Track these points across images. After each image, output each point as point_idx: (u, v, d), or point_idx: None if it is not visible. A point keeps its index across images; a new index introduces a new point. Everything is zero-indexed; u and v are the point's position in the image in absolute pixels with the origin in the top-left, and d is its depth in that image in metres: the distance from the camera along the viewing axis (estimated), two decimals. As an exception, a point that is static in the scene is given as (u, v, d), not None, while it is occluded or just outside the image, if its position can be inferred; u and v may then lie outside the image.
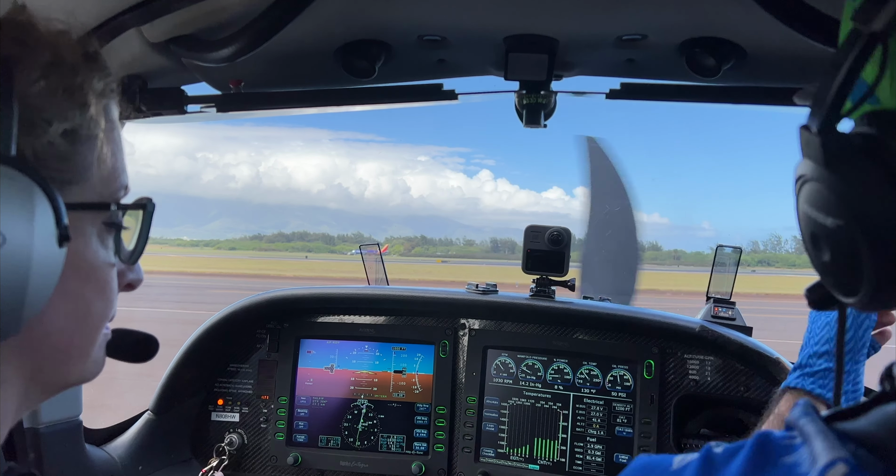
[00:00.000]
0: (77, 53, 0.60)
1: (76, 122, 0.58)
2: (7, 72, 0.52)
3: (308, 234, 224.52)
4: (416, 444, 1.92)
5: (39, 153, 0.55)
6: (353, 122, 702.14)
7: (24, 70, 0.54)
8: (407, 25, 1.33)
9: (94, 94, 0.61)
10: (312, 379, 1.98)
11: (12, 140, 0.51)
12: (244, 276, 32.09)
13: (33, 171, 0.52)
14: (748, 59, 1.35)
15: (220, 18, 1.23)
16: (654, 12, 1.23)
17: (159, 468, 1.92)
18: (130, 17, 1.14)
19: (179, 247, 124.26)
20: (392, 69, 1.51)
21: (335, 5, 1.21)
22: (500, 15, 1.28)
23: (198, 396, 2.01)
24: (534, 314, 1.88)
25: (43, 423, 1.52)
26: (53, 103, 0.56)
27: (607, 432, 1.80)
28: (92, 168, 0.61)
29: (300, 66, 1.51)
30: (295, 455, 1.91)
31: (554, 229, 1.84)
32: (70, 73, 0.58)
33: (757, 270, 66.83)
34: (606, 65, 1.54)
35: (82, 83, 0.59)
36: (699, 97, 1.54)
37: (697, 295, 2.24)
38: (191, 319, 3.36)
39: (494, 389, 1.89)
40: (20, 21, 0.58)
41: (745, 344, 1.73)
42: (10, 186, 0.50)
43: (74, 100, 0.58)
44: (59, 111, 0.57)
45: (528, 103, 1.59)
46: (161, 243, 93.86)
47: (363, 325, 1.98)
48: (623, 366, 1.82)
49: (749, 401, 1.77)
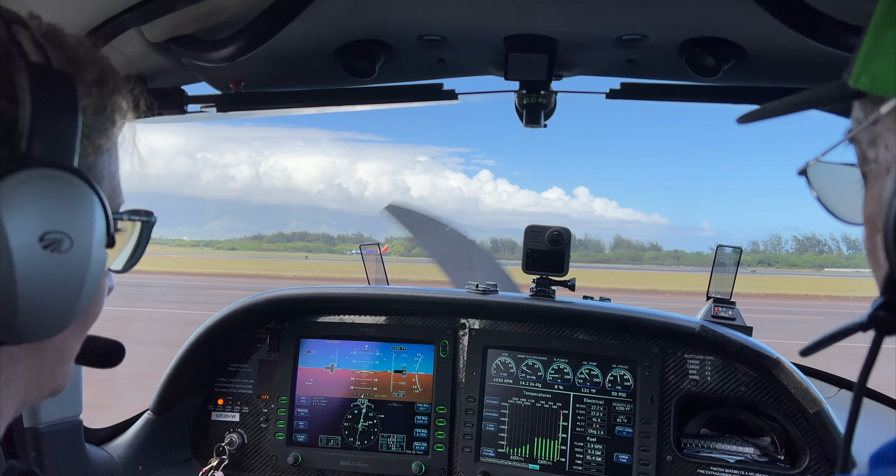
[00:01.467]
0: (118, 75, 0.65)
1: (104, 137, 0.62)
2: (72, 88, 0.56)
3: (308, 235, 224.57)
4: (417, 443, 1.92)
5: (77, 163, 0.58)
6: (352, 123, 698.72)
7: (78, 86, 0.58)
8: (407, 25, 1.33)
9: (120, 113, 0.65)
10: (313, 379, 1.98)
11: (76, 152, 0.55)
12: (244, 277, 32.08)
13: (92, 182, 0.56)
14: (748, 59, 1.35)
15: (220, 18, 1.23)
16: (653, 12, 1.23)
17: (159, 468, 1.92)
18: (130, 17, 1.15)
19: (180, 247, 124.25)
20: (392, 69, 1.51)
21: (335, 5, 1.21)
22: (500, 15, 1.28)
23: (198, 396, 2.01)
24: (534, 314, 1.88)
25: (43, 422, 1.53)
26: (93, 118, 0.60)
27: (607, 432, 1.80)
28: (104, 181, 0.64)
29: (300, 66, 1.51)
30: (295, 455, 1.91)
31: (554, 229, 1.84)
32: (111, 91, 0.63)
33: (757, 270, 66.77)
34: (606, 65, 1.54)
35: (115, 102, 0.64)
36: (699, 97, 1.54)
37: (698, 295, 2.24)
38: (191, 319, 3.36)
39: (494, 389, 1.89)
40: (66, 39, 0.61)
41: (745, 344, 1.73)
42: (76, 195, 0.54)
43: (107, 116, 0.63)
44: (94, 126, 0.61)
45: (528, 103, 1.59)
46: (161, 243, 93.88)
47: (363, 324, 1.98)
48: (623, 365, 1.82)
49: (749, 401, 1.77)
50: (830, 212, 0.67)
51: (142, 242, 0.70)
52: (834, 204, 0.67)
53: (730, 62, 1.35)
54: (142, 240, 0.70)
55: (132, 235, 0.70)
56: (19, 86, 0.52)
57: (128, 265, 0.70)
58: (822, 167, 0.67)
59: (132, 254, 0.70)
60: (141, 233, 0.70)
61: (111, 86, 0.63)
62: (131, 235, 0.69)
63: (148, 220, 0.70)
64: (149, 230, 0.71)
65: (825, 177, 0.67)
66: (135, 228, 0.69)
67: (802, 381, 1.66)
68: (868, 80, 0.51)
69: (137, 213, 0.69)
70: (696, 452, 1.77)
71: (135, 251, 0.70)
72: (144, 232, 0.70)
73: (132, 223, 0.69)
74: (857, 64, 0.52)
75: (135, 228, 0.69)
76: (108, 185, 0.65)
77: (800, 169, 0.67)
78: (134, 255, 0.70)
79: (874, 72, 0.51)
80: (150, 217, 0.70)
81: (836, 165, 0.67)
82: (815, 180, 0.67)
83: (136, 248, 0.70)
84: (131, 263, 0.70)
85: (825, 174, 0.67)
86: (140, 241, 0.70)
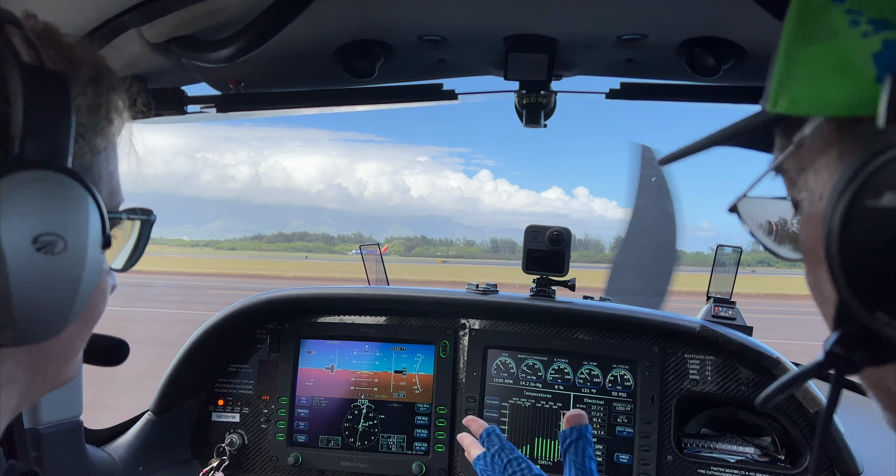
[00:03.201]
0: (114, 73, 0.64)
1: (101, 136, 0.62)
2: (65, 88, 0.55)
3: (308, 235, 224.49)
4: (417, 444, 1.92)
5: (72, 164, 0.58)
6: (352, 123, 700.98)
7: (73, 85, 0.57)
8: (407, 25, 1.33)
9: (117, 112, 0.64)
10: (313, 379, 1.98)
11: (69, 152, 0.55)
12: (244, 277, 32.09)
13: (86, 182, 0.55)
14: (748, 58, 1.35)
15: (220, 19, 1.23)
16: (653, 12, 1.23)
17: (160, 468, 1.92)
18: (130, 17, 1.14)
19: (180, 247, 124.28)
20: (392, 69, 1.51)
21: (335, 5, 1.21)
22: (500, 15, 1.28)
23: (198, 397, 2.01)
24: (534, 314, 1.88)
25: (43, 423, 1.52)
26: (88, 118, 0.60)
27: (608, 432, 1.80)
28: (102, 181, 0.63)
29: (300, 66, 1.51)
30: (295, 455, 1.91)
31: (554, 229, 1.84)
32: (106, 90, 0.62)
33: (757, 270, 66.81)
34: (606, 65, 1.54)
35: (111, 101, 0.63)
36: (699, 97, 1.54)
37: (698, 295, 2.24)
38: (191, 320, 3.37)
39: (495, 389, 1.89)
40: (61, 38, 0.60)
41: (745, 344, 1.73)
42: (70, 196, 0.54)
43: (102, 116, 0.62)
44: (90, 125, 0.60)
45: (528, 103, 1.59)
46: (161, 244, 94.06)
47: (363, 325, 1.98)
48: (623, 365, 1.82)
49: (749, 401, 1.77)
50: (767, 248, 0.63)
51: (142, 241, 0.70)
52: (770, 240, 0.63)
53: (730, 62, 1.35)
54: (141, 238, 0.70)
55: (132, 234, 0.70)
56: (11, 87, 0.52)
57: (128, 264, 0.70)
58: (752, 202, 0.63)
59: (132, 252, 0.70)
60: (141, 231, 0.70)
61: (107, 85, 0.63)
62: (131, 234, 0.70)
63: (147, 219, 0.70)
64: (149, 229, 0.71)
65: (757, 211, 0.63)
66: (134, 227, 0.70)
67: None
68: (786, 103, 0.48)
69: (136, 212, 0.69)
70: (697, 452, 1.77)
71: (135, 250, 0.70)
72: (144, 230, 0.70)
73: (132, 222, 0.69)
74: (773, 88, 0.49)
75: (134, 227, 0.70)
76: (107, 184, 0.64)
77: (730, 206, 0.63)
78: (134, 253, 0.70)
79: (792, 93, 0.48)
80: (150, 215, 0.70)
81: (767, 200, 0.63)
82: (746, 216, 0.63)
83: (136, 246, 0.70)
84: (132, 262, 0.70)
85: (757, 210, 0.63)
86: (140, 239, 0.70)
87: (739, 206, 0.63)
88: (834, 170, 0.49)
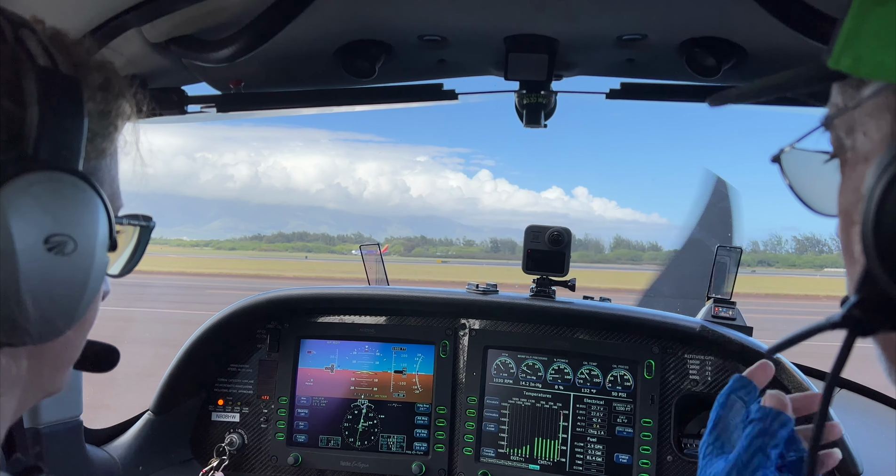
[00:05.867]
0: (122, 79, 0.65)
1: (107, 141, 0.63)
2: (79, 91, 0.56)
3: (308, 235, 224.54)
4: (417, 444, 1.92)
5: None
6: (352, 123, 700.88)
7: (84, 90, 0.58)
8: (407, 25, 1.33)
9: (123, 118, 0.65)
10: (313, 379, 1.98)
11: (81, 155, 0.56)
12: (244, 277, 32.09)
13: (96, 185, 0.56)
14: (748, 58, 1.35)
15: (220, 18, 1.23)
16: (654, 12, 1.23)
17: (160, 468, 1.92)
18: (130, 17, 1.14)
19: (179, 247, 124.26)
20: (392, 69, 1.51)
21: (335, 5, 1.21)
22: (500, 15, 1.28)
23: (198, 396, 2.01)
24: (534, 314, 1.88)
25: (43, 423, 1.52)
26: (97, 123, 0.60)
27: (608, 432, 1.80)
28: (105, 185, 0.64)
29: (300, 66, 1.51)
30: (295, 455, 1.91)
31: (554, 229, 1.83)
32: (114, 96, 0.63)
33: (757, 270, 66.79)
34: (606, 65, 1.54)
35: (119, 106, 0.64)
36: (699, 97, 1.54)
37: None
38: (191, 319, 3.36)
39: (495, 389, 1.89)
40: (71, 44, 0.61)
41: (745, 344, 1.73)
42: (81, 198, 0.55)
43: (110, 121, 0.63)
44: (98, 130, 0.61)
45: (528, 103, 1.59)
46: (161, 244, 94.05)
47: (363, 325, 1.98)
48: (623, 366, 1.81)
49: (749, 401, 1.76)
50: (804, 202, 0.64)
51: (140, 247, 0.71)
52: (807, 194, 0.64)
53: (730, 62, 1.35)
54: (140, 244, 0.71)
55: (131, 240, 0.70)
56: (27, 89, 0.52)
57: (125, 270, 0.70)
58: (796, 154, 0.63)
59: (130, 258, 0.70)
60: (139, 237, 0.70)
61: (116, 90, 0.63)
62: (130, 240, 0.70)
63: (146, 225, 0.70)
64: (147, 235, 0.71)
65: (800, 165, 0.64)
66: (133, 233, 0.70)
67: (802, 381, 1.66)
68: (849, 62, 0.47)
69: (136, 218, 0.69)
70: (697, 452, 1.77)
71: (132, 256, 0.71)
72: (143, 237, 0.71)
73: (131, 228, 0.69)
74: (838, 44, 0.47)
75: (133, 233, 0.70)
76: (109, 188, 0.65)
77: (773, 155, 0.64)
78: (132, 259, 0.71)
79: (857, 52, 0.47)
80: (149, 222, 0.70)
81: (811, 153, 0.63)
82: (788, 168, 0.64)
83: (134, 252, 0.70)
84: (128, 268, 0.71)
85: (800, 162, 0.64)
86: (138, 245, 0.70)
87: (783, 157, 0.63)
88: (885, 136, 0.49)
